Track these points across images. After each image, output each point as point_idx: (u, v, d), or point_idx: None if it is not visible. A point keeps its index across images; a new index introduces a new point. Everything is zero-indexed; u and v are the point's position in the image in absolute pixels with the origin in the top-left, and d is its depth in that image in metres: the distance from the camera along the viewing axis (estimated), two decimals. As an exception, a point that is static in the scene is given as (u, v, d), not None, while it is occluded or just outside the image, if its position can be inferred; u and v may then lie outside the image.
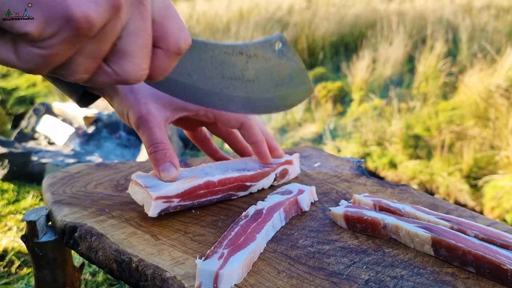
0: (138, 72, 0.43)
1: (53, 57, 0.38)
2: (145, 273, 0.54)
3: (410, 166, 3.28)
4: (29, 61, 0.38)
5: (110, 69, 0.43)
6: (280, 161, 0.79)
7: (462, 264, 0.54)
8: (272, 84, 0.65)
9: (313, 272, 0.54)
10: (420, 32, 5.40)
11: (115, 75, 0.43)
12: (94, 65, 0.42)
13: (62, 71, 0.41)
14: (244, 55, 0.59)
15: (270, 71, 0.64)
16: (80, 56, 0.40)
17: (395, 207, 0.65)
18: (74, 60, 0.40)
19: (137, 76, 0.44)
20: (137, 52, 0.42)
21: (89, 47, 0.39)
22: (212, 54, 0.56)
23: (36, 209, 0.75)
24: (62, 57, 0.39)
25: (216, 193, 0.70)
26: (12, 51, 0.38)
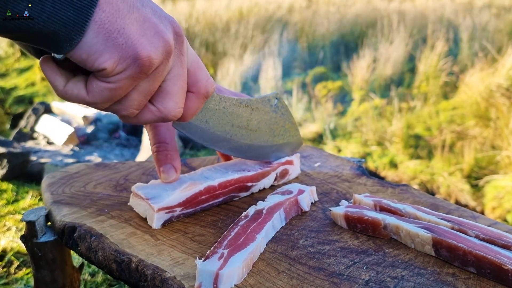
0: (176, 109, 0.53)
1: (118, 90, 0.47)
2: (144, 274, 0.54)
3: (411, 166, 3.28)
4: (97, 95, 0.47)
5: (155, 108, 0.53)
6: (280, 161, 0.80)
7: (463, 265, 0.54)
8: (270, 134, 0.77)
9: (313, 272, 0.54)
10: (420, 31, 5.40)
11: (158, 112, 0.53)
12: (144, 102, 0.51)
13: (118, 106, 0.50)
14: (249, 107, 0.72)
15: (268, 123, 0.76)
16: (136, 92, 0.49)
17: (396, 207, 0.65)
18: (130, 96, 0.49)
19: (175, 113, 0.54)
20: (177, 92, 0.52)
21: (144, 85, 0.49)
22: (225, 105, 0.68)
23: (35, 209, 0.75)
24: (124, 91, 0.48)
25: (218, 196, 0.71)
26: (83, 88, 0.48)
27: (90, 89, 0.47)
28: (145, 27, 0.46)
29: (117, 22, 0.44)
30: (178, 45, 0.51)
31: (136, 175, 0.85)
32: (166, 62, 0.49)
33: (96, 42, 0.44)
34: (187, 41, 0.53)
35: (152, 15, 0.48)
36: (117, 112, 0.51)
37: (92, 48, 0.44)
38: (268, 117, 0.76)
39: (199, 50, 5.74)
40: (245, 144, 0.74)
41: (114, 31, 0.44)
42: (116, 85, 0.47)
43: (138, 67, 0.46)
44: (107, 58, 0.44)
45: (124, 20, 0.45)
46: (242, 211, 0.67)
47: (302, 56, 5.57)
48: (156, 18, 0.48)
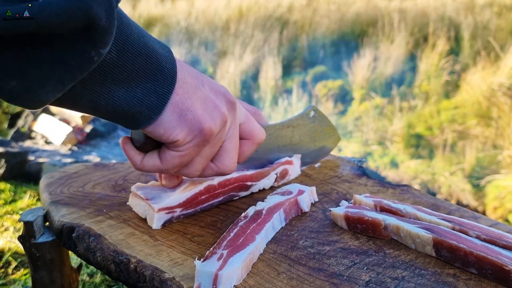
0: (232, 164, 0.62)
1: (186, 157, 0.57)
2: (143, 274, 0.54)
3: (412, 166, 3.28)
4: (169, 163, 0.57)
5: (214, 165, 0.62)
6: (280, 161, 0.80)
7: (464, 265, 0.54)
8: (311, 141, 0.87)
9: (313, 273, 0.54)
10: (421, 30, 5.40)
11: (217, 168, 0.62)
12: (206, 164, 0.61)
13: (186, 170, 0.60)
14: (290, 127, 0.81)
15: (308, 133, 0.85)
16: (200, 157, 0.59)
17: (396, 208, 0.65)
18: (196, 161, 0.59)
19: (232, 168, 0.63)
20: (232, 150, 0.62)
21: (206, 150, 0.59)
22: (270, 132, 0.77)
23: (34, 210, 0.75)
24: (190, 157, 0.58)
25: (218, 195, 0.71)
26: (157, 158, 0.58)
27: (163, 158, 0.57)
28: (206, 104, 0.56)
29: (187, 102, 0.54)
30: (232, 112, 0.60)
31: (135, 176, 0.85)
32: (223, 129, 0.59)
33: (172, 119, 0.53)
34: (238, 104, 0.62)
35: (209, 93, 0.57)
36: (185, 174, 0.61)
37: (168, 124, 0.53)
38: (307, 128, 0.85)
39: (198, 49, 5.74)
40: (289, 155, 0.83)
41: (185, 109, 0.54)
42: (185, 152, 0.56)
43: (202, 137, 0.56)
44: (179, 132, 0.54)
45: (192, 100, 0.55)
46: (241, 212, 0.67)
47: (302, 55, 5.57)
48: (213, 94, 0.58)
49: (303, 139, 0.85)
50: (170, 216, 0.65)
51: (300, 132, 0.83)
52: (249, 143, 0.65)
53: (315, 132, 0.86)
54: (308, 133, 0.85)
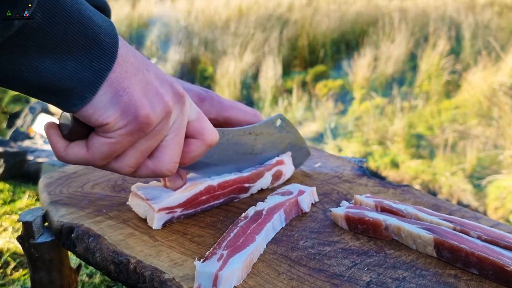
0: (172, 164, 0.56)
1: (116, 145, 0.50)
2: (143, 275, 0.54)
3: (412, 166, 3.28)
4: (96, 151, 0.51)
5: (150, 162, 0.55)
6: (271, 162, 0.79)
7: (465, 266, 0.54)
8: (277, 152, 0.80)
9: (313, 274, 0.54)
10: (422, 29, 5.40)
11: (153, 166, 0.55)
12: (141, 160, 0.54)
13: (116, 163, 0.53)
14: (252, 134, 0.74)
15: (274, 143, 0.79)
16: (134, 149, 0.52)
17: (397, 208, 0.65)
18: (128, 153, 0.53)
19: (170, 168, 0.56)
20: (174, 147, 0.55)
21: (142, 143, 0.52)
22: (228, 137, 0.70)
23: (33, 210, 0.75)
24: (122, 147, 0.51)
25: (218, 197, 0.71)
26: (84, 147, 0.51)
27: (90, 145, 0.51)
28: (147, 89, 0.51)
29: (125, 82, 0.49)
30: (179, 105, 0.54)
31: (135, 175, 0.85)
32: (165, 121, 0.53)
33: (104, 99, 0.48)
34: (189, 100, 0.57)
35: (154, 79, 0.52)
36: (115, 169, 0.54)
37: (99, 104, 0.48)
38: (273, 138, 0.78)
39: (198, 48, 5.74)
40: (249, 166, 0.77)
41: (121, 89, 0.48)
42: (116, 140, 0.50)
43: (137, 124, 0.50)
44: (111, 114, 0.48)
45: (131, 81, 0.49)
46: (241, 212, 0.67)
47: (302, 54, 5.57)
48: (158, 82, 0.53)
49: (267, 149, 0.78)
50: (171, 216, 0.65)
51: (263, 141, 0.76)
52: (198, 143, 0.59)
53: (281, 143, 0.80)
54: (273, 144, 0.79)
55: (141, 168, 0.56)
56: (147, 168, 0.56)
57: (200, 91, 0.77)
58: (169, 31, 6.30)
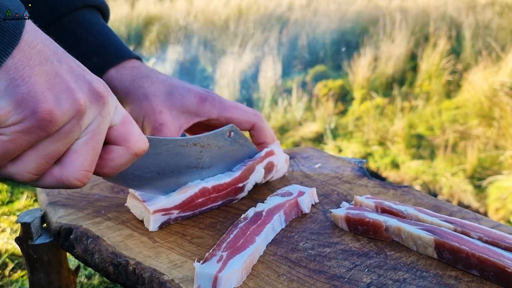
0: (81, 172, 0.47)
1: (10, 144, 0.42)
2: (142, 276, 0.54)
3: (413, 166, 3.29)
4: None
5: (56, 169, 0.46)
6: (261, 154, 0.76)
7: (466, 267, 0.54)
8: (226, 168, 0.73)
9: (313, 275, 0.54)
10: (423, 29, 5.41)
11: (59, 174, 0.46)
12: (45, 166, 0.45)
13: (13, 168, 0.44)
14: (198, 145, 0.67)
15: (224, 157, 0.72)
16: (34, 152, 0.44)
17: (398, 209, 0.66)
18: (27, 157, 0.44)
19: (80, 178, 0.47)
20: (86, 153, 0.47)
21: (45, 145, 0.44)
22: (167, 147, 0.62)
23: (31, 211, 0.75)
24: (17, 147, 0.42)
25: (215, 199, 0.71)
26: None
27: None
28: (55, 82, 0.43)
29: (24, 70, 0.42)
30: (97, 105, 0.47)
31: (133, 176, 0.85)
32: (75, 122, 0.45)
33: None
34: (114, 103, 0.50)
35: (66, 72, 0.45)
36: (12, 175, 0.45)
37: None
38: (223, 151, 0.71)
39: (197, 48, 5.74)
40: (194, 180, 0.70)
41: (19, 78, 0.41)
42: (9, 137, 0.42)
43: (36, 121, 0.42)
44: (3, 106, 0.41)
45: (33, 70, 0.42)
46: (241, 213, 0.67)
47: (302, 54, 5.57)
48: (71, 76, 0.45)
49: (215, 163, 0.71)
50: (167, 218, 0.65)
51: (211, 154, 0.69)
52: (121, 150, 0.51)
53: (232, 157, 0.73)
54: (223, 158, 0.72)
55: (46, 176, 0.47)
56: (52, 176, 0.47)
57: (201, 91, 0.77)
58: (168, 31, 6.30)
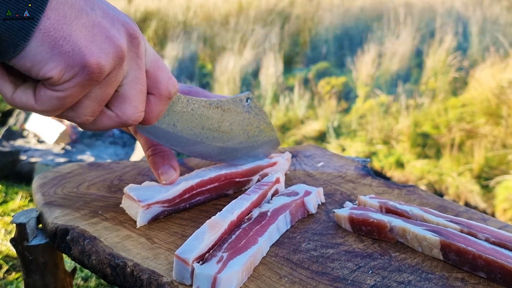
0: (136, 114, 0.54)
1: (67, 98, 0.47)
2: (140, 278, 0.55)
3: (418, 166, 3.28)
4: (46, 103, 0.48)
5: (112, 113, 0.53)
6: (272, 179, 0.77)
7: (473, 269, 0.54)
8: (244, 135, 0.77)
9: (316, 277, 0.54)
10: (428, 25, 5.40)
11: (116, 117, 0.53)
12: (99, 108, 0.51)
13: (71, 113, 0.51)
14: (219, 108, 0.72)
15: (241, 124, 0.76)
16: (88, 99, 0.50)
17: (402, 209, 0.66)
18: (82, 103, 0.50)
19: (136, 118, 0.54)
20: (135, 97, 0.53)
21: (96, 91, 0.49)
22: (193, 107, 0.68)
23: (26, 211, 0.75)
24: (73, 99, 0.48)
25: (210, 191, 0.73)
26: (32, 96, 0.48)
27: (38, 97, 0.48)
28: (95, 33, 0.46)
29: (63, 29, 0.44)
30: (134, 48, 0.51)
31: (131, 175, 0.85)
32: (119, 67, 0.49)
33: (41, 50, 0.44)
34: (145, 41, 0.53)
35: (102, 19, 0.48)
36: (71, 119, 0.52)
37: (36, 57, 0.44)
38: (241, 118, 0.75)
39: (196, 44, 5.74)
40: (217, 147, 0.74)
41: (60, 38, 0.44)
42: (65, 93, 0.47)
43: (87, 75, 0.46)
44: (53, 67, 0.45)
45: (71, 27, 0.45)
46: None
47: (304, 50, 5.57)
48: (108, 21, 0.48)
49: (234, 128, 0.75)
50: (157, 212, 0.67)
51: (231, 119, 0.74)
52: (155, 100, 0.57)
53: (249, 125, 0.77)
54: (241, 124, 0.76)
55: (103, 119, 0.53)
56: (109, 118, 0.54)
57: (184, 87, 0.77)
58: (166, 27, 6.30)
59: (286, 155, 0.83)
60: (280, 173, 0.77)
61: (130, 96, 0.52)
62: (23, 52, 0.44)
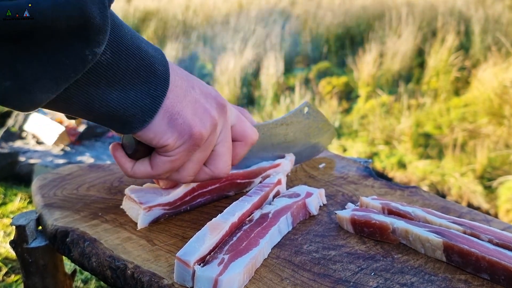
0: (226, 168, 0.65)
1: (176, 161, 0.59)
2: (141, 280, 0.55)
3: (420, 166, 3.28)
4: (160, 168, 0.59)
5: (207, 169, 0.64)
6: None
7: (476, 271, 0.54)
8: (306, 137, 0.89)
9: (318, 279, 0.54)
10: (430, 24, 5.40)
11: (211, 172, 0.64)
12: (198, 169, 0.63)
13: (177, 175, 0.62)
14: (284, 125, 0.83)
15: (303, 130, 0.87)
16: (191, 162, 0.61)
17: (405, 211, 0.66)
18: (187, 165, 0.61)
19: (226, 171, 0.65)
20: (225, 154, 0.64)
21: (197, 155, 0.61)
22: (263, 131, 0.79)
23: (26, 213, 0.75)
24: (181, 162, 0.60)
25: (211, 192, 0.73)
26: (148, 165, 0.60)
27: (154, 164, 0.60)
28: (196, 107, 0.58)
29: (177, 106, 0.56)
30: (223, 115, 0.62)
31: (131, 177, 0.85)
32: (214, 133, 0.60)
33: (162, 124, 0.55)
34: (229, 106, 0.64)
35: (200, 96, 0.59)
36: (178, 179, 0.63)
37: (158, 129, 0.55)
38: (302, 125, 0.86)
39: (196, 44, 5.74)
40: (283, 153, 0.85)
41: (175, 113, 0.56)
42: (175, 157, 0.58)
43: (193, 142, 0.58)
44: (170, 136, 0.56)
45: (182, 104, 0.56)
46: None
47: (305, 50, 5.57)
48: (204, 97, 0.60)
49: (298, 136, 0.87)
50: (158, 214, 0.67)
51: (294, 129, 0.85)
52: (242, 145, 0.68)
53: (309, 128, 0.88)
54: (303, 130, 0.87)
55: (200, 175, 0.64)
56: (205, 174, 0.64)
57: None
58: (166, 26, 6.30)
59: (290, 156, 0.84)
60: (281, 174, 0.77)
61: (221, 154, 0.64)
62: (148, 125, 0.55)
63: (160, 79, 0.54)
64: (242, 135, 0.68)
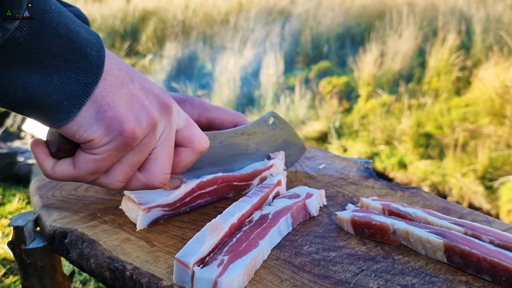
0: (163, 175, 0.58)
1: (103, 161, 0.52)
2: (140, 282, 0.55)
3: (421, 167, 3.28)
4: (83, 167, 0.53)
5: (141, 176, 0.57)
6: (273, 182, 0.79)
7: (477, 272, 0.54)
8: (271, 150, 0.83)
9: (318, 280, 0.54)
10: (431, 23, 5.40)
11: (144, 179, 0.57)
12: (130, 174, 0.56)
13: (104, 179, 0.55)
14: (245, 134, 0.76)
15: (267, 142, 0.81)
16: (121, 164, 0.54)
17: (406, 211, 0.66)
18: (116, 169, 0.55)
19: (162, 179, 0.58)
20: (164, 158, 0.57)
21: (129, 157, 0.54)
22: (220, 140, 0.73)
23: (24, 214, 0.75)
24: (108, 163, 0.53)
25: (210, 193, 0.73)
26: (70, 164, 0.54)
27: (77, 162, 0.53)
28: (132, 102, 0.52)
29: (109, 97, 0.50)
30: (165, 115, 0.56)
31: (130, 178, 0.85)
32: (152, 134, 0.54)
33: (88, 115, 0.49)
34: (177, 108, 0.58)
35: (139, 91, 0.53)
36: (105, 184, 0.56)
37: (83, 121, 0.49)
38: (266, 136, 0.80)
39: (195, 44, 5.74)
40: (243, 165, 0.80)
41: (105, 105, 0.50)
42: (101, 156, 0.52)
43: (123, 140, 0.51)
44: (95, 130, 0.50)
45: (115, 95, 0.50)
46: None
47: (305, 50, 5.57)
48: (143, 93, 0.54)
49: (261, 148, 0.80)
50: (158, 215, 0.67)
51: (256, 140, 0.79)
52: (188, 152, 0.61)
53: (275, 141, 0.82)
54: (267, 142, 0.81)
55: (132, 182, 0.57)
56: (138, 181, 0.57)
57: (179, 95, 0.79)
58: (165, 26, 6.30)
59: (281, 154, 0.83)
60: (281, 175, 0.77)
61: (158, 158, 0.57)
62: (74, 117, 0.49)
63: (92, 64, 0.48)
64: (189, 140, 0.61)
